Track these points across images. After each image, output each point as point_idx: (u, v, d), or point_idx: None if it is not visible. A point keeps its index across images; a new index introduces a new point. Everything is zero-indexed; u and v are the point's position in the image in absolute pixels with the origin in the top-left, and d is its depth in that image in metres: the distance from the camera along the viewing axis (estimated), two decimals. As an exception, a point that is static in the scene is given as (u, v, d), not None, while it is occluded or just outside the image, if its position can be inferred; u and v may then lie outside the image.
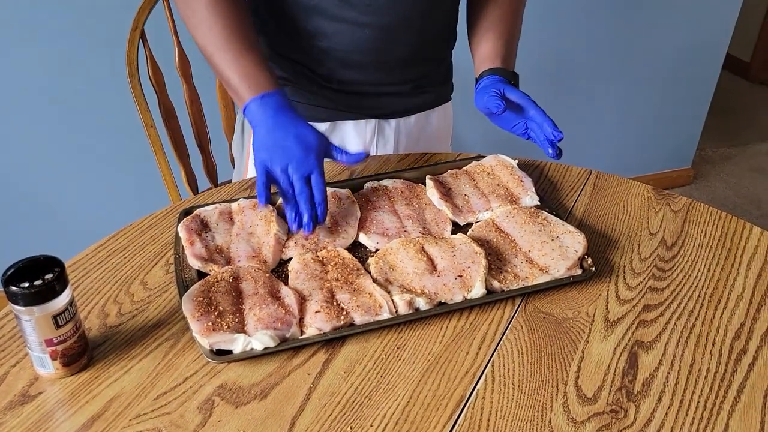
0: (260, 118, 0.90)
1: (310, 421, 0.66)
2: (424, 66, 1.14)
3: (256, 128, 0.90)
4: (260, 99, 0.90)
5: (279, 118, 0.89)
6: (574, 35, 2.17)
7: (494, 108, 0.96)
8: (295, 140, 0.87)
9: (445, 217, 0.94)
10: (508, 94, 0.97)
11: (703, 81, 2.45)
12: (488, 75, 1.03)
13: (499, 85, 0.99)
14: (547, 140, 0.94)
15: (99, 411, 0.66)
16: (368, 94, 1.12)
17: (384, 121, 1.16)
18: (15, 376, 0.70)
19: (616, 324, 0.78)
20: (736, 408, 0.68)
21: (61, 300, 0.66)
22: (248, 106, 0.91)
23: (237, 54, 0.93)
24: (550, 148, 0.94)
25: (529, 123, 0.97)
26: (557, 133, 0.92)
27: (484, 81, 1.03)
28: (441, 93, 1.23)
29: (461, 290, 0.79)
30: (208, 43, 0.94)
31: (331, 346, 0.75)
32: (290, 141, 0.87)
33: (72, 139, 1.78)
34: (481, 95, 1.00)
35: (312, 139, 0.88)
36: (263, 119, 0.89)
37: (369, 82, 1.10)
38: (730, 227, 0.95)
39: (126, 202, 1.90)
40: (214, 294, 0.77)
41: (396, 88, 1.13)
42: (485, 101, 0.98)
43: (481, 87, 1.03)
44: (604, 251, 0.90)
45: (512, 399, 0.68)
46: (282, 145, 0.87)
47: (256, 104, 0.90)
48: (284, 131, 0.88)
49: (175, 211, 0.95)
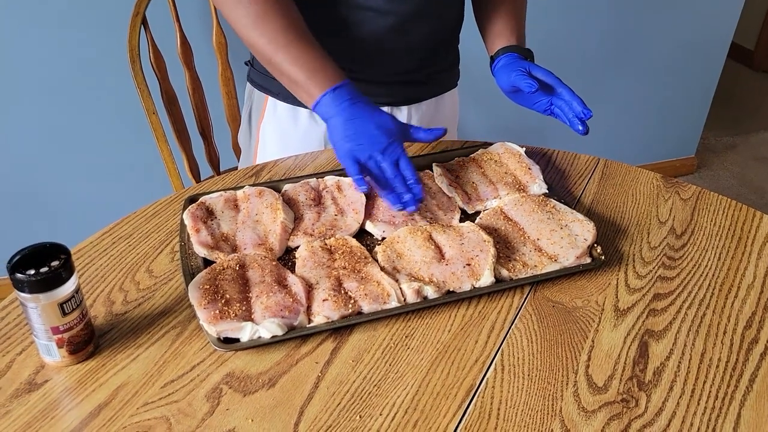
0: (336, 110, 0.89)
1: (319, 409, 0.65)
2: (436, 51, 1.13)
3: (331, 120, 0.89)
4: (333, 92, 0.89)
5: (355, 108, 0.89)
6: (577, 24, 2.15)
7: (527, 88, 0.95)
8: (377, 127, 0.87)
9: (453, 206, 0.93)
10: (534, 72, 0.97)
11: (707, 70, 2.43)
12: (505, 53, 1.03)
13: (522, 63, 0.99)
14: (576, 116, 0.95)
15: (106, 399, 0.66)
16: (382, 82, 1.11)
17: (396, 108, 1.16)
18: (21, 363, 0.69)
19: (626, 313, 0.78)
20: (748, 397, 0.68)
21: (68, 287, 0.65)
22: (321, 101, 0.89)
23: (300, 49, 0.90)
24: (580, 125, 0.95)
25: (556, 100, 0.97)
26: (587, 111, 0.94)
27: (502, 59, 1.03)
28: (449, 78, 1.23)
29: (470, 279, 0.79)
30: (267, 41, 0.91)
31: (339, 334, 0.74)
32: (372, 128, 0.87)
33: (74, 125, 1.76)
34: (505, 74, 1.00)
35: (391, 125, 0.89)
36: (339, 110, 0.88)
37: (384, 69, 1.10)
38: (740, 216, 0.94)
39: (128, 190, 1.89)
40: (221, 282, 0.76)
41: (409, 76, 1.13)
42: (512, 80, 0.98)
43: (500, 66, 1.02)
44: (613, 240, 0.90)
45: (522, 388, 0.68)
46: (366, 134, 0.87)
47: (329, 97, 0.89)
48: (364, 120, 0.88)
49: (180, 199, 0.94)
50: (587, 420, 0.65)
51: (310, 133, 1.14)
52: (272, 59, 0.91)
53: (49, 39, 1.63)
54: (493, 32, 1.07)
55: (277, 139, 1.17)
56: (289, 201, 0.92)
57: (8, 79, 1.65)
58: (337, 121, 0.88)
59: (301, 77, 0.90)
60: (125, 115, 1.72)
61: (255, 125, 1.20)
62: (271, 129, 1.17)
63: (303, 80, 0.90)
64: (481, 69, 1.16)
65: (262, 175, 1.02)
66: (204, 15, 1.66)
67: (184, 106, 1.42)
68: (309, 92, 0.90)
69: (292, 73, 0.91)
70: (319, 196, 0.94)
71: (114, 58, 1.57)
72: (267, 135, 1.18)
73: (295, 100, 1.12)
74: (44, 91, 1.69)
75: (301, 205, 0.91)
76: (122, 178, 1.88)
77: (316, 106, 0.90)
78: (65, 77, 1.69)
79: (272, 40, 0.90)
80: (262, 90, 1.16)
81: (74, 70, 1.69)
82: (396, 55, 1.08)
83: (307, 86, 0.90)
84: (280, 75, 0.93)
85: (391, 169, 0.87)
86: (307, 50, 0.91)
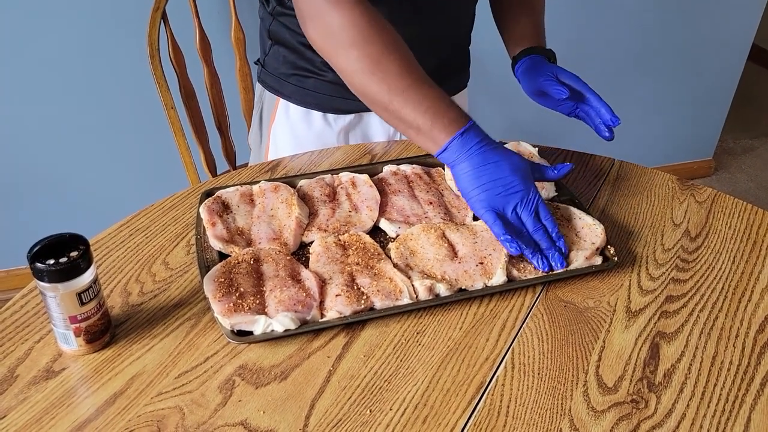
0: (464, 155, 0.82)
1: (330, 403, 0.66)
2: (451, 52, 1.13)
3: (459, 165, 0.82)
4: (460, 136, 0.82)
5: (484, 151, 0.82)
6: (597, 25, 2.14)
7: (557, 95, 0.95)
8: (511, 172, 0.81)
9: (465, 204, 0.93)
10: (562, 78, 0.97)
11: (727, 72, 2.41)
12: (528, 55, 1.02)
13: (549, 67, 0.98)
14: (603, 123, 0.95)
15: (121, 388, 0.67)
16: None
17: None
18: (39, 351, 0.71)
19: (638, 314, 0.78)
20: (759, 401, 0.67)
21: (86, 277, 0.67)
22: (448, 147, 0.82)
23: (421, 93, 0.83)
24: (607, 132, 0.95)
25: (582, 105, 0.97)
26: (615, 119, 0.94)
27: (526, 62, 1.02)
28: (460, 80, 1.22)
29: (482, 277, 0.79)
30: (385, 89, 0.83)
31: (351, 329, 0.75)
32: (506, 174, 0.81)
33: (94, 119, 1.79)
34: (531, 78, 0.99)
35: (524, 167, 0.83)
36: (467, 156, 0.82)
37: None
38: (755, 219, 0.94)
39: (146, 183, 1.91)
40: (235, 275, 0.77)
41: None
42: (540, 84, 0.97)
43: (524, 68, 1.02)
44: (627, 241, 0.89)
45: (532, 386, 0.68)
46: (500, 182, 0.81)
47: (457, 143, 0.82)
48: (496, 165, 0.81)
49: (196, 193, 0.96)
50: (596, 420, 0.65)
51: (324, 136, 1.13)
52: (389, 105, 0.84)
53: (69, 34, 1.65)
54: (514, 34, 1.06)
55: (289, 142, 1.16)
56: (304, 197, 0.93)
57: (30, 73, 1.68)
58: (467, 167, 0.81)
59: (424, 123, 0.83)
60: (144, 109, 1.74)
61: (266, 127, 1.19)
62: (283, 131, 1.16)
63: (427, 126, 0.83)
64: (499, 68, 1.16)
65: (277, 171, 1.03)
66: (223, 10, 1.68)
67: (202, 100, 1.43)
68: (434, 139, 0.83)
69: (414, 118, 0.83)
70: (334, 192, 0.94)
71: (134, 52, 1.58)
72: (278, 137, 1.17)
73: (308, 102, 1.12)
74: (65, 85, 1.72)
75: (315, 200, 0.92)
76: (140, 172, 1.90)
77: (441, 153, 0.84)
78: (86, 71, 1.71)
79: (392, 85, 0.83)
80: (274, 92, 1.15)
81: (95, 64, 1.71)
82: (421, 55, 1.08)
83: (432, 132, 0.83)
84: (399, 122, 0.86)
85: (531, 220, 0.80)
86: (429, 93, 0.84)
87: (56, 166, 1.83)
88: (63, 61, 1.69)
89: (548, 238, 0.81)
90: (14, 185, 1.83)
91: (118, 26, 1.67)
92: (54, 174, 1.84)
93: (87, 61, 1.70)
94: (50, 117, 1.75)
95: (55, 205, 1.89)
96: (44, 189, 1.86)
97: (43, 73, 1.69)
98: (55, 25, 1.63)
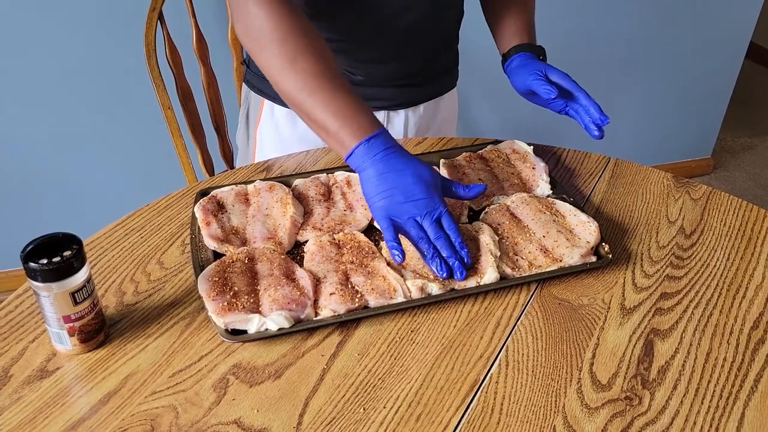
0: (369, 161, 0.81)
1: (324, 401, 0.66)
2: (439, 51, 1.13)
3: (364, 172, 0.82)
4: (366, 142, 0.81)
5: (389, 158, 0.81)
6: (595, 24, 2.14)
7: (545, 94, 0.94)
8: (414, 180, 0.80)
9: (460, 202, 0.93)
10: (551, 76, 0.96)
11: (725, 70, 2.41)
12: (518, 52, 1.02)
13: (538, 65, 0.98)
14: (593, 122, 0.94)
15: (115, 387, 0.67)
16: (380, 86, 1.10)
17: (393, 112, 1.15)
18: (33, 351, 0.71)
19: (632, 311, 0.78)
20: (753, 397, 0.67)
21: (79, 277, 0.67)
22: (354, 152, 0.82)
23: (333, 95, 0.83)
24: (596, 131, 0.94)
25: (572, 104, 0.96)
26: (604, 118, 0.93)
27: (516, 59, 1.02)
28: (448, 81, 1.21)
29: (473, 277, 0.79)
30: (294, 86, 0.84)
31: (345, 328, 0.75)
32: (408, 182, 0.80)
33: (90, 119, 1.79)
34: (521, 76, 0.99)
35: (429, 177, 0.81)
36: (372, 162, 0.81)
37: (389, 71, 1.09)
38: (750, 216, 0.94)
39: (142, 183, 1.91)
40: (230, 274, 0.77)
41: (410, 79, 1.12)
42: (529, 84, 0.96)
43: (514, 66, 1.01)
44: (622, 238, 0.89)
45: (526, 384, 0.68)
46: (400, 189, 0.79)
47: (363, 148, 0.81)
48: (399, 173, 0.80)
49: (192, 192, 0.96)
50: (590, 417, 0.65)
51: (308, 136, 1.11)
52: (302, 105, 0.85)
53: (66, 34, 1.66)
54: (504, 31, 1.06)
55: (275, 142, 1.16)
56: (299, 196, 0.93)
57: (27, 74, 1.68)
58: (371, 173, 0.81)
59: (333, 126, 0.82)
60: (141, 109, 1.74)
61: (252, 127, 1.19)
62: (269, 132, 1.16)
63: (335, 129, 0.82)
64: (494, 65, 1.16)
65: (273, 170, 1.03)
66: (219, 11, 1.68)
67: (199, 100, 1.43)
68: (341, 142, 0.83)
69: (323, 120, 0.83)
70: (329, 192, 0.94)
71: (130, 53, 1.58)
72: (264, 138, 1.17)
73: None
74: (62, 85, 1.72)
75: (310, 200, 0.92)
76: (137, 172, 1.90)
77: (348, 158, 0.83)
78: (83, 72, 1.72)
79: (303, 85, 0.84)
80: (259, 93, 1.15)
81: (92, 64, 1.71)
82: (404, 57, 1.07)
83: (340, 135, 0.82)
84: (309, 121, 0.86)
85: (432, 229, 0.79)
86: (340, 96, 0.83)
87: (53, 167, 1.83)
88: (60, 62, 1.69)
89: (450, 247, 0.79)
90: (11, 186, 1.83)
91: (114, 27, 1.67)
92: (51, 175, 1.84)
93: (84, 62, 1.70)
94: (47, 118, 1.75)
95: (52, 206, 1.89)
96: (41, 190, 1.86)
97: (40, 74, 1.69)
98: (53, 25, 1.63)
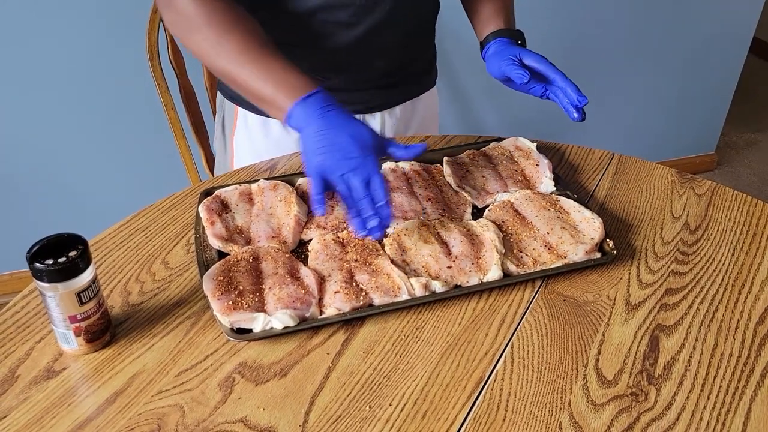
0: (307, 120, 0.80)
1: (330, 399, 0.66)
2: (412, 51, 1.11)
3: (303, 130, 0.81)
4: (303, 101, 0.81)
5: (328, 116, 0.80)
6: (598, 18, 2.13)
7: (518, 79, 0.92)
8: (350, 139, 0.79)
9: (464, 200, 0.93)
10: (525, 60, 0.94)
11: (728, 65, 2.40)
12: (495, 38, 1.00)
13: (513, 49, 0.96)
14: (571, 104, 0.91)
15: (122, 387, 0.67)
16: (352, 90, 1.09)
17: (369, 115, 1.13)
18: (40, 351, 0.71)
19: (637, 307, 0.77)
20: (759, 393, 0.67)
21: (85, 277, 0.67)
22: (292, 113, 0.81)
23: (265, 63, 0.84)
24: (575, 112, 0.91)
25: (551, 87, 0.94)
26: (581, 98, 0.90)
27: (492, 46, 1.00)
28: (425, 81, 1.20)
29: (477, 274, 0.79)
30: (226, 63, 0.86)
31: (350, 326, 0.75)
32: (345, 140, 0.79)
33: (94, 120, 1.79)
34: (496, 62, 0.97)
35: (367, 137, 0.80)
36: (311, 120, 0.80)
37: (358, 76, 1.08)
38: (755, 211, 0.93)
39: (146, 183, 1.91)
40: (235, 273, 0.77)
41: (384, 80, 1.10)
42: (503, 69, 0.95)
43: (491, 53, 1.00)
44: (626, 234, 0.89)
45: (531, 380, 0.68)
46: (337, 147, 0.79)
47: (300, 108, 0.81)
48: (337, 130, 0.79)
49: (196, 192, 0.96)
50: (596, 413, 0.65)
51: (282, 143, 1.11)
52: (237, 79, 0.86)
53: (69, 36, 1.66)
54: (481, 17, 1.04)
55: (250, 150, 1.15)
56: (302, 195, 0.93)
57: (30, 75, 1.68)
58: (309, 131, 0.80)
59: (267, 92, 0.83)
60: (144, 110, 1.74)
61: (228, 135, 1.18)
62: (244, 140, 1.15)
63: (270, 95, 0.83)
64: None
65: (277, 169, 1.03)
66: (221, 11, 1.68)
67: (202, 101, 1.43)
68: (278, 106, 0.83)
69: (259, 88, 0.84)
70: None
71: (133, 54, 1.59)
72: (240, 146, 1.16)
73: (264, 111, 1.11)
74: (65, 86, 1.72)
75: (314, 198, 0.92)
76: (140, 172, 1.91)
77: (288, 120, 0.83)
78: (86, 73, 1.72)
79: (234, 60, 0.85)
80: (232, 100, 1.14)
81: (95, 66, 1.71)
82: (369, 61, 1.06)
83: (276, 99, 0.83)
84: (248, 94, 0.87)
85: (360, 188, 0.78)
86: (272, 63, 0.84)
87: (57, 169, 1.84)
88: (63, 63, 1.69)
89: (371, 206, 0.78)
90: (16, 188, 1.84)
91: (117, 28, 1.67)
92: (55, 176, 1.85)
93: (87, 63, 1.71)
94: (51, 119, 1.76)
95: (57, 207, 1.89)
96: (46, 191, 1.86)
97: (44, 75, 1.69)
98: (55, 26, 1.64)
